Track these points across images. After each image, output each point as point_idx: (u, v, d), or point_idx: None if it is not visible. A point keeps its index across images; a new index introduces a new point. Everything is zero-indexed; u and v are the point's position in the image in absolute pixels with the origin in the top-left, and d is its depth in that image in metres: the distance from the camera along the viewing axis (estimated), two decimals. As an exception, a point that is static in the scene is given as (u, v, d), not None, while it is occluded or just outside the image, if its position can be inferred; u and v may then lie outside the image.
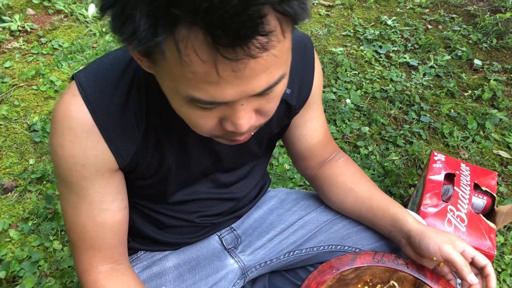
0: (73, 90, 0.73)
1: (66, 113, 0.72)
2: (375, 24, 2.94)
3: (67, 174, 0.76)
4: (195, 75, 0.55)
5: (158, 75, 0.62)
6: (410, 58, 2.63)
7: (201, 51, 0.52)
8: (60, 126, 0.73)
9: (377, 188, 1.03)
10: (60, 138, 0.73)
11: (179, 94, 0.60)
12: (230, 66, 0.53)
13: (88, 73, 0.75)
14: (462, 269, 0.86)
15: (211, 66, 0.53)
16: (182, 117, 0.67)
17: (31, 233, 1.53)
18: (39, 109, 2.02)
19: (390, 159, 1.96)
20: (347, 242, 1.03)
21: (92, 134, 0.73)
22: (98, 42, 2.46)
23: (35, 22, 2.54)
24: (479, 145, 2.07)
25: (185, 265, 0.98)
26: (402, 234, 0.95)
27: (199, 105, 0.60)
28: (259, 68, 0.55)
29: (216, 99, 0.57)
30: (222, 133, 0.67)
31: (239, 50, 0.51)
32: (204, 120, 0.64)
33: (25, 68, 2.23)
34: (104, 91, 0.73)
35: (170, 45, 0.52)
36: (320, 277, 0.89)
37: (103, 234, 0.82)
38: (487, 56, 2.70)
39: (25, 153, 1.80)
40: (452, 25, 2.96)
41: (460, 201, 1.35)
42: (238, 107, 0.61)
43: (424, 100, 2.32)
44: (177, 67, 0.55)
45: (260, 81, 0.57)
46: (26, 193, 1.65)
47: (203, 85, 0.56)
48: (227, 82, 0.55)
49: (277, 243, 1.05)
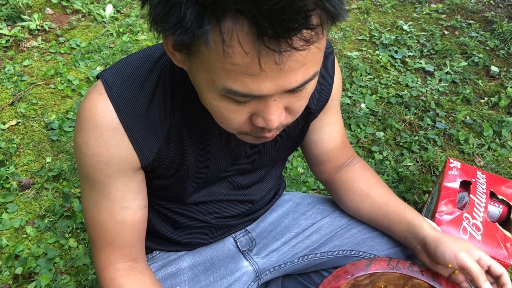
0: (100, 89, 0.75)
1: (92, 111, 0.73)
2: (391, 29, 2.93)
3: (90, 172, 0.77)
4: (235, 66, 0.55)
5: (193, 68, 0.62)
6: (426, 63, 2.61)
7: (246, 43, 0.53)
8: (86, 124, 0.74)
9: (393, 194, 1.03)
10: (85, 136, 0.74)
11: (214, 87, 0.60)
12: (272, 58, 0.54)
13: (114, 72, 0.76)
14: (477, 277, 0.85)
15: (253, 58, 0.54)
16: (212, 112, 0.67)
17: (47, 230, 1.55)
18: (56, 107, 2.04)
19: (404, 165, 1.95)
20: (362, 247, 1.03)
21: (117, 132, 0.75)
22: (115, 42, 2.48)
23: (53, 21, 2.57)
24: (495, 152, 2.05)
25: (200, 266, 0.99)
26: (417, 240, 0.94)
27: (233, 99, 0.61)
28: (299, 62, 0.56)
29: (253, 92, 0.58)
30: (251, 129, 0.68)
31: (283, 42, 0.52)
32: (235, 115, 0.65)
33: (43, 67, 2.26)
34: (130, 90, 0.75)
35: (215, 35, 0.53)
36: (335, 282, 0.89)
37: (122, 232, 0.83)
38: (504, 63, 2.68)
39: (42, 151, 1.82)
40: (469, 31, 2.94)
41: (475, 209, 1.34)
42: (271, 103, 0.62)
43: (439, 106, 2.31)
44: (218, 58, 0.55)
45: (297, 75, 0.58)
46: (42, 190, 1.68)
47: (242, 77, 0.56)
48: (266, 75, 0.56)
49: (292, 247, 1.06)
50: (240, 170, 0.94)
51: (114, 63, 0.80)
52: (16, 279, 1.40)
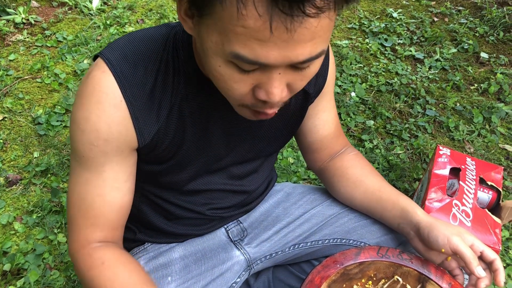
0: (102, 67, 0.74)
1: (96, 88, 0.73)
2: (381, 17, 2.92)
3: (86, 149, 0.76)
4: (246, 30, 0.56)
5: (203, 31, 0.62)
6: (416, 51, 2.61)
7: (260, 5, 0.53)
8: (88, 99, 0.74)
9: (386, 181, 1.03)
10: (86, 111, 0.74)
11: (222, 51, 0.60)
12: (284, 24, 0.54)
13: (116, 51, 0.76)
14: (470, 261, 0.85)
15: (265, 21, 0.54)
16: (215, 80, 0.67)
17: (35, 226, 1.53)
18: (43, 102, 2.02)
19: (395, 153, 1.95)
20: (352, 236, 1.03)
21: (119, 109, 0.74)
22: (102, 35, 2.45)
23: (39, 14, 2.54)
24: (485, 139, 2.06)
25: (191, 256, 0.99)
26: (411, 226, 0.95)
27: (238, 66, 0.61)
28: (308, 34, 0.57)
29: (260, 59, 0.58)
30: (252, 102, 0.68)
31: (296, 7, 0.53)
32: (239, 85, 0.65)
33: (29, 60, 2.23)
34: (134, 68, 0.75)
35: None
36: (324, 271, 0.89)
37: (109, 214, 0.82)
38: (493, 49, 2.68)
39: (29, 146, 1.80)
40: (459, 18, 2.94)
41: (465, 195, 1.34)
42: (275, 75, 0.62)
43: (429, 93, 2.31)
44: (229, 19, 0.56)
45: (305, 49, 0.59)
46: (30, 186, 1.66)
47: (251, 42, 0.57)
48: (275, 43, 0.56)
49: (283, 236, 1.06)
50: (238, 159, 0.94)
51: (113, 41, 0.79)
52: (4, 275, 1.39)
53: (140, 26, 2.55)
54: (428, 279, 0.92)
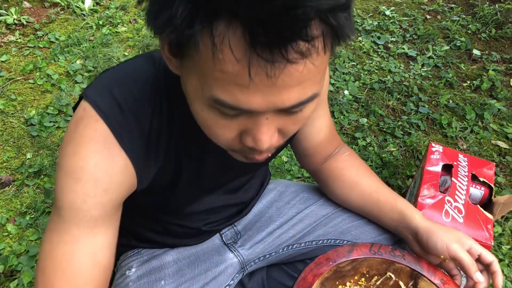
0: (93, 116, 0.68)
1: (92, 137, 0.68)
2: (374, 15, 2.92)
3: (79, 200, 0.68)
4: (224, 74, 0.51)
5: (184, 73, 0.59)
6: (409, 48, 2.61)
7: (237, 49, 0.49)
8: (83, 148, 0.68)
9: (382, 182, 1.03)
10: (81, 160, 0.67)
11: (203, 95, 0.56)
12: (264, 69, 0.50)
13: (105, 97, 0.70)
14: (469, 268, 0.86)
15: (244, 66, 0.50)
16: (201, 124, 0.63)
17: (28, 227, 1.53)
18: (36, 103, 2.01)
19: (388, 150, 1.96)
20: (346, 236, 1.03)
21: (120, 158, 0.70)
22: (95, 35, 2.44)
23: (31, 15, 2.53)
24: (478, 135, 2.06)
25: (185, 260, 0.98)
26: (408, 230, 0.95)
27: (221, 111, 0.57)
28: (293, 79, 0.52)
29: (242, 104, 0.54)
30: (240, 147, 0.63)
31: (276, 52, 0.48)
32: (224, 130, 0.60)
33: (21, 61, 2.22)
34: (127, 116, 0.70)
35: (205, 38, 0.50)
36: (317, 269, 0.89)
37: (98, 277, 0.72)
38: (486, 46, 2.69)
39: (22, 147, 1.79)
40: (451, 15, 2.95)
41: (457, 192, 1.34)
42: (262, 121, 0.57)
43: (422, 91, 2.31)
44: (207, 63, 0.52)
45: (292, 94, 0.54)
46: (23, 187, 1.65)
47: (231, 87, 0.52)
48: (257, 88, 0.52)
49: (276, 237, 1.05)
50: (233, 177, 0.94)
51: (97, 80, 0.73)
52: (-2, 277, 1.39)
53: (133, 26, 2.54)
54: (421, 276, 0.92)
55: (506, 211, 1.31)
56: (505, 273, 1.53)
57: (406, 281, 0.94)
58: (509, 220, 1.68)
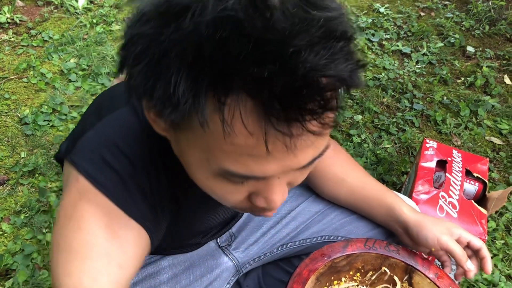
0: (90, 189, 0.62)
1: (97, 213, 0.62)
2: (368, 12, 2.93)
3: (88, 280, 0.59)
4: (235, 147, 0.47)
5: (182, 143, 0.54)
6: (403, 45, 2.62)
7: (250, 123, 0.45)
8: (90, 223, 0.61)
9: (369, 175, 1.03)
10: (89, 235, 0.61)
11: (208, 166, 0.52)
12: (282, 141, 0.46)
13: (96, 163, 0.64)
14: (460, 258, 0.89)
15: (258, 139, 0.46)
16: (205, 189, 0.59)
17: (23, 226, 1.52)
18: (30, 101, 2.00)
19: (382, 147, 1.96)
20: (340, 232, 1.03)
21: (131, 228, 0.65)
22: (88, 34, 2.43)
23: (24, 14, 2.51)
24: (472, 132, 2.07)
25: (180, 265, 0.97)
26: (398, 224, 0.96)
27: (229, 179, 0.53)
28: (309, 142, 0.49)
29: (256, 173, 0.51)
30: (249, 207, 0.60)
31: (296, 126, 0.44)
32: (232, 195, 0.57)
33: (15, 60, 2.21)
34: (127, 181, 0.65)
35: (212, 114, 0.45)
36: (312, 264, 0.89)
37: None
38: (479, 43, 2.70)
39: (16, 146, 1.79)
40: (445, 12, 2.96)
41: (452, 187, 1.35)
42: (274, 182, 0.54)
43: (417, 87, 2.32)
44: (214, 137, 0.47)
45: (307, 154, 0.51)
46: (18, 186, 1.65)
47: (243, 158, 0.49)
48: (272, 156, 0.48)
49: (270, 237, 1.05)
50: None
51: (82, 142, 0.66)
52: (-7, 276, 1.38)
53: (127, 24, 2.53)
54: (415, 270, 0.92)
55: (499, 206, 1.32)
56: (499, 268, 1.53)
57: (401, 275, 0.94)
58: (503, 215, 1.69)
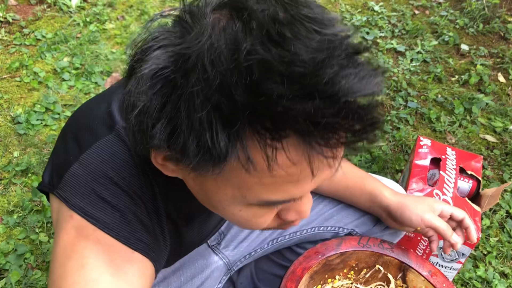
0: (87, 226, 0.61)
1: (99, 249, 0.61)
2: (362, 10, 2.92)
3: None
4: (276, 179, 0.48)
5: (207, 185, 0.54)
6: (398, 44, 2.62)
7: (294, 154, 0.46)
8: (93, 260, 0.59)
9: (349, 163, 1.05)
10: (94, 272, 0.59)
11: (244, 201, 0.53)
12: (327, 164, 0.48)
13: (90, 199, 0.62)
14: (445, 233, 0.93)
15: (302, 167, 0.47)
16: (234, 221, 0.60)
17: (16, 226, 1.51)
18: (22, 101, 1.99)
19: (377, 145, 1.96)
20: (329, 222, 1.04)
21: (136, 260, 0.64)
22: (82, 32, 2.42)
23: (17, 12, 2.50)
24: (466, 129, 2.08)
25: (170, 267, 0.96)
26: (381, 209, 0.99)
27: (265, 206, 0.55)
28: (338, 161, 0.51)
29: (295, 196, 0.52)
30: (278, 224, 0.62)
31: (340, 147, 0.47)
32: (264, 219, 0.59)
33: (7, 59, 2.20)
34: (125, 214, 0.63)
35: (255, 153, 0.46)
36: (306, 262, 0.89)
37: None
38: (473, 41, 2.70)
39: (9, 146, 1.77)
40: (439, 10, 2.96)
41: (445, 185, 1.35)
42: (306, 195, 0.56)
43: (411, 85, 2.32)
44: (254, 175, 0.48)
45: (337, 163, 0.53)
46: (10, 186, 1.63)
47: (284, 186, 0.50)
48: (307, 180, 0.50)
49: (260, 233, 1.04)
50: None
51: (71, 178, 0.64)
52: (-15, 277, 1.37)
53: (121, 23, 2.52)
54: (409, 268, 0.92)
55: (493, 203, 1.32)
56: (493, 265, 1.54)
57: (395, 273, 0.94)
58: (497, 212, 1.70)
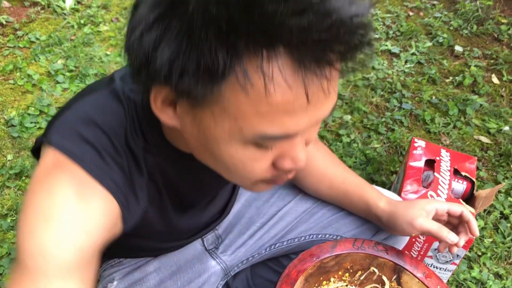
0: (65, 161, 0.61)
1: (69, 182, 0.61)
2: (357, 12, 2.93)
3: (51, 245, 0.58)
4: (273, 107, 0.48)
5: (205, 121, 0.54)
6: (392, 45, 2.63)
7: (288, 75, 0.46)
8: (61, 189, 0.60)
9: (349, 169, 1.04)
10: (58, 199, 0.60)
11: (241, 136, 0.53)
12: (321, 87, 0.49)
13: (72, 138, 0.63)
14: (440, 234, 0.90)
15: (298, 92, 0.47)
16: (228, 166, 0.59)
17: (10, 229, 1.50)
18: (16, 103, 1.98)
19: (372, 146, 1.97)
20: (328, 230, 1.04)
21: (103, 199, 0.64)
22: (76, 35, 2.41)
23: (10, 14, 2.49)
24: (460, 131, 2.09)
25: (166, 270, 0.96)
26: (376, 219, 0.99)
27: (259, 145, 0.55)
28: (332, 88, 0.51)
29: (290, 131, 0.52)
30: (274, 174, 0.61)
31: (325, 65, 0.47)
32: (259, 163, 0.58)
33: (1, 62, 2.19)
34: (105, 156, 0.64)
35: (252, 73, 0.46)
36: (301, 265, 0.89)
37: None
38: (467, 42, 2.71)
39: (2, 149, 1.76)
40: (433, 12, 2.97)
41: (440, 186, 1.35)
42: (298, 140, 0.56)
43: (405, 87, 2.33)
44: (252, 99, 0.48)
45: (328, 104, 0.53)
46: (4, 189, 1.63)
47: (279, 117, 0.50)
48: (302, 109, 0.50)
49: (258, 239, 1.04)
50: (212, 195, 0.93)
51: (58, 122, 0.66)
52: (-21, 281, 1.36)
53: (115, 25, 2.52)
54: (404, 269, 0.93)
55: (487, 205, 1.33)
56: (488, 266, 1.54)
57: (390, 275, 0.94)
58: (491, 213, 1.70)
